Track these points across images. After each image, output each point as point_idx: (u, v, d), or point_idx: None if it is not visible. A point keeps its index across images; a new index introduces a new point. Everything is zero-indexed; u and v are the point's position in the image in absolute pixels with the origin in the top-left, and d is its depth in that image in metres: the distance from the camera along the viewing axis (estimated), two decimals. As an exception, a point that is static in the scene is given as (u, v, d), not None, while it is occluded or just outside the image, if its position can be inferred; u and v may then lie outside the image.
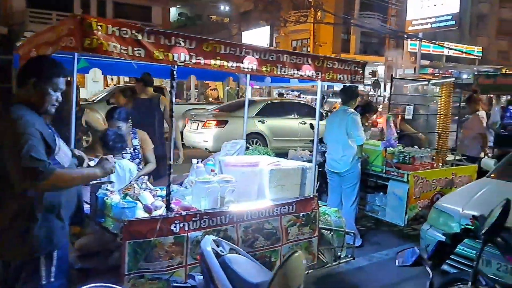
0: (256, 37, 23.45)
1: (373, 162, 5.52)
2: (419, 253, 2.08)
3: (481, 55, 28.24)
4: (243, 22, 27.22)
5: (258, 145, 10.80)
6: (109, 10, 22.85)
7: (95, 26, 2.41)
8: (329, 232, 3.77)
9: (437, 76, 19.00)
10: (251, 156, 4.07)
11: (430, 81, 6.10)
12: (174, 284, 2.58)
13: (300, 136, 10.60)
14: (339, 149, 5.18)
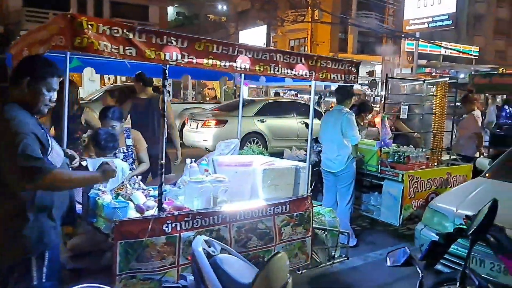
0: (253, 36, 23.43)
1: (368, 161, 5.52)
2: (410, 253, 2.08)
3: (478, 54, 28.36)
4: (240, 21, 27.22)
5: (258, 144, 10.87)
6: (106, 9, 22.83)
7: (85, 25, 2.39)
8: (323, 232, 3.76)
9: (434, 76, 19.06)
10: (245, 156, 4.05)
11: (425, 80, 6.10)
12: (166, 284, 2.56)
13: (299, 135, 10.61)
14: (334, 148, 5.19)
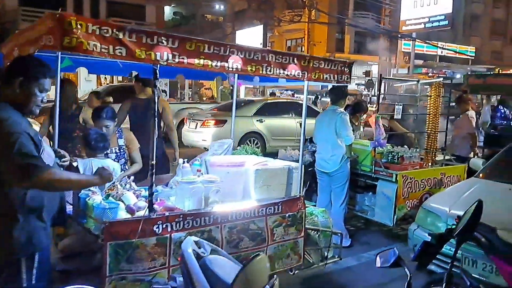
0: (250, 36, 23.46)
1: (362, 162, 5.52)
2: (398, 254, 2.08)
3: (474, 55, 28.44)
4: (237, 21, 27.19)
5: (256, 144, 10.89)
6: (102, 8, 22.79)
7: (74, 24, 2.38)
8: (315, 232, 3.75)
9: (432, 76, 19.09)
10: (237, 156, 4.04)
11: (419, 80, 6.11)
12: (156, 286, 2.56)
13: (298, 135, 10.59)
14: (329, 148, 5.19)
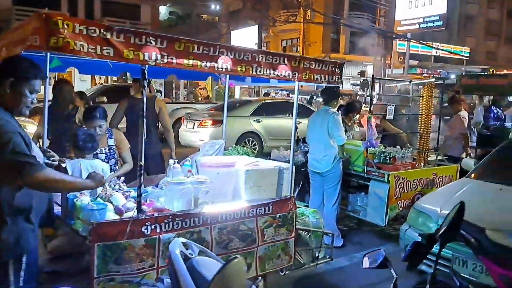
0: (245, 36, 23.43)
1: (355, 162, 5.53)
2: (385, 255, 2.08)
3: (468, 55, 28.55)
4: (232, 21, 27.16)
5: (253, 144, 10.90)
6: (97, 8, 22.69)
7: (61, 24, 2.36)
8: (306, 233, 3.74)
9: (426, 77, 19.16)
10: (228, 157, 4.03)
11: (412, 81, 6.13)
12: (144, 287, 2.54)
13: (299, 135, 10.68)
14: (321, 149, 5.19)
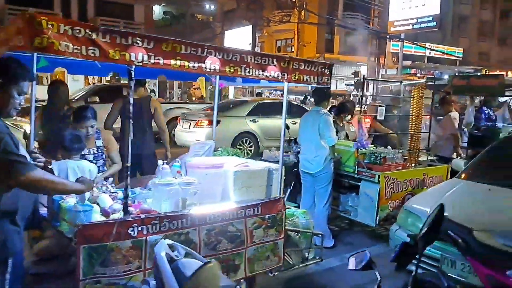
0: (239, 36, 23.41)
1: (346, 162, 5.53)
2: (370, 257, 2.08)
3: (462, 56, 28.70)
4: (226, 21, 27.10)
5: (249, 144, 10.89)
6: (90, 8, 22.57)
7: (45, 24, 2.35)
8: (296, 233, 3.74)
9: (420, 77, 19.22)
10: (217, 158, 4.02)
11: (402, 82, 6.15)
12: (128, 290, 2.53)
13: (291, 135, 10.69)
14: (312, 149, 5.19)
